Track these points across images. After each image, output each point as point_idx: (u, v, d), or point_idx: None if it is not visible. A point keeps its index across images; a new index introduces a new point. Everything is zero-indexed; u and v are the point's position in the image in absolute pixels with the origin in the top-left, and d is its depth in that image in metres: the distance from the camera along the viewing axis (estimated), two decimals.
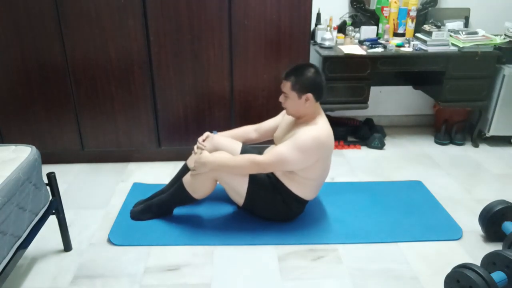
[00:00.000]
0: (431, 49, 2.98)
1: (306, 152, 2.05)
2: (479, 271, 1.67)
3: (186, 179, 2.21)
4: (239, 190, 2.17)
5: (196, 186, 2.18)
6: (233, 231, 2.25)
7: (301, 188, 2.19)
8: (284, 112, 2.40)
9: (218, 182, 2.20)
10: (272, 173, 2.19)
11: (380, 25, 3.28)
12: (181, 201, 2.30)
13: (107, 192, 2.65)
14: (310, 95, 2.08)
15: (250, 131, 2.48)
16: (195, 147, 2.38)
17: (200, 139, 2.39)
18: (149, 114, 2.87)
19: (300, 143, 2.04)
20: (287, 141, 2.10)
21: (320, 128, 2.10)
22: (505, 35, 3.19)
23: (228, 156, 2.15)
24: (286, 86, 2.10)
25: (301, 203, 2.25)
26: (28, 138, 2.85)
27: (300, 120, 2.17)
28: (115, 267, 2.01)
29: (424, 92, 3.47)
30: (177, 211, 2.37)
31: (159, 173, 2.85)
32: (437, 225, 2.30)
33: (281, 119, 2.39)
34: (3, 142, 2.84)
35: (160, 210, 2.33)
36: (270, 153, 2.11)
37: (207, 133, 2.40)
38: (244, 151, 2.32)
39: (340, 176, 2.84)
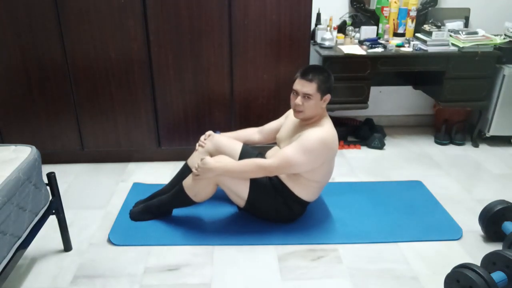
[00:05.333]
0: (431, 49, 2.98)
1: (313, 154, 2.05)
2: (479, 271, 1.67)
3: (187, 182, 2.20)
4: (240, 193, 2.17)
5: (197, 190, 2.18)
6: (233, 231, 2.25)
7: (305, 190, 2.19)
8: (287, 114, 2.40)
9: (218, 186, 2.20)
10: (275, 176, 2.19)
11: (380, 25, 3.28)
12: (181, 204, 2.29)
13: (107, 192, 2.65)
14: (329, 96, 2.11)
15: (253, 133, 2.48)
16: (197, 145, 2.39)
17: (202, 137, 2.40)
18: (149, 114, 2.87)
19: (306, 145, 2.04)
20: (293, 143, 2.09)
21: (326, 130, 2.10)
22: (505, 35, 3.19)
23: (232, 161, 2.15)
24: (311, 87, 2.05)
25: (302, 205, 2.25)
26: (28, 138, 2.85)
27: (306, 122, 2.16)
28: (115, 267, 2.01)
29: (424, 92, 3.47)
30: (177, 211, 2.37)
31: (159, 173, 2.85)
32: (437, 225, 2.30)
33: (283, 121, 2.39)
34: (3, 142, 2.84)
35: (160, 211, 2.33)
36: (276, 156, 2.09)
37: (209, 132, 2.40)
38: (244, 151, 2.32)
39: (340, 176, 2.84)
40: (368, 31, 3.21)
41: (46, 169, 2.03)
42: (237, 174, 2.11)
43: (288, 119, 2.34)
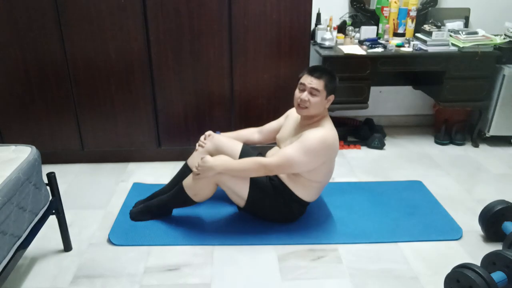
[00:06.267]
0: (431, 49, 2.98)
1: (313, 154, 2.05)
2: (479, 271, 1.67)
3: (187, 182, 2.20)
4: (240, 193, 2.16)
5: (197, 190, 2.18)
6: (233, 231, 2.25)
7: (305, 191, 2.19)
8: (287, 114, 2.39)
9: (218, 186, 2.20)
10: (275, 176, 2.19)
11: (380, 25, 3.28)
12: (180, 204, 2.29)
13: (107, 192, 2.65)
14: (333, 96, 2.12)
15: (253, 133, 2.48)
16: (197, 144, 2.39)
17: (202, 137, 2.40)
18: (149, 114, 2.87)
19: (307, 145, 2.04)
20: (294, 143, 2.09)
21: (327, 130, 2.10)
22: (505, 35, 3.19)
23: (232, 159, 2.15)
24: (319, 83, 2.06)
25: (302, 205, 2.26)
26: (28, 138, 2.86)
27: (307, 122, 2.16)
28: (115, 267, 2.01)
29: (424, 92, 3.47)
30: (177, 211, 2.37)
31: (159, 173, 2.85)
32: (437, 225, 2.30)
33: (283, 121, 2.39)
34: (3, 142, 2.84)
35: (160, 211, 2.33)
36: (277, 155, 2.09)
37: (209, 132, 2.40)
38: (244, 151, 2.32)
39: (340, 176, 2.84)
40: (368, 31, 3.21)
41: (46, 169, 2.03)
42: (237, 172, 2.11)
43: (288, 119, 2.33)
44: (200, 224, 2.31)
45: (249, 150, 2.35)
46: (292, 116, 2.30)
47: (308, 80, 2.08)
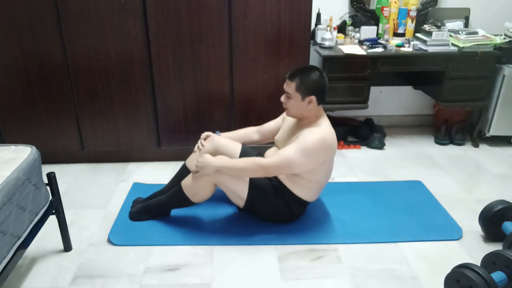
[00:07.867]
0: (431, 49, 2.98)
1: (312, 155, 2.05)
2: (479, 271, 1.67)
3: (185, 182, 2.20)
4: (240, 193, 2.16)
5: (196, 190, 2.17)
6: (233, 231, 2.25)
7: (304, 191, 2.19)
8: (283, 115, 2.40)
9: (217, 186, 2.20)
10: (274, 176, 2.18)
11: (380, 25, 3.28)
12: (179, 204, 2.29)
13: (107, 192, 2.65)
14: (313, 97, 2.08)
15: (252, 132, 2.48)
16: (196, 146, 2.39)
17: (202, 136, 2.39)
18: (149, 114, 2.87)
19: (306, 145, 2.03)
20: (292, 143, 2.08)
21: (325, 130, 2.09)
22: (505, 35, 3.19)
23: (231, 159, 2.15)
24: (291, 86, 2.08)
25: (302, 205, 2.25)
26: (28, 138, 2.85)
27: (303, 123, 2.16)
28: (115, 267, 2.01)
29: (424, 92, 3.47)
30: (177, 211, 2.37)
31: (159, 173, 2.85)
32: (437, 225, 2.30)
33: (281, 122, 2.39)
34: (3, 142, 2.84)
35: (158, 212, 2.33)
36: (276, 156, 2.09)
37: (208, 133, 2.39)
38: (243, 151, 2.32)
39: (340, 176, 2.84)
40: (368, 31, 3.21)
41: (46, 169, 2.03)
42: (235, 171, 2.11)
43: (286, 121, 2.34)
44: (200, 224, 2.31)
45: (248, 151, 2.35)
46: (288, 117, 2.30)
47: (285, 83, 2.12)
